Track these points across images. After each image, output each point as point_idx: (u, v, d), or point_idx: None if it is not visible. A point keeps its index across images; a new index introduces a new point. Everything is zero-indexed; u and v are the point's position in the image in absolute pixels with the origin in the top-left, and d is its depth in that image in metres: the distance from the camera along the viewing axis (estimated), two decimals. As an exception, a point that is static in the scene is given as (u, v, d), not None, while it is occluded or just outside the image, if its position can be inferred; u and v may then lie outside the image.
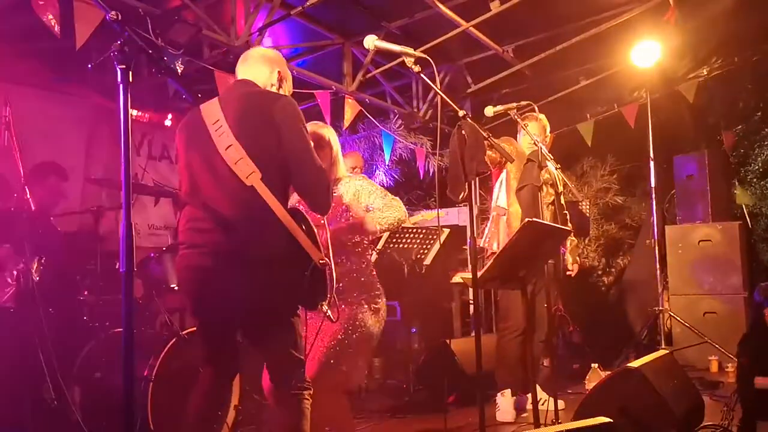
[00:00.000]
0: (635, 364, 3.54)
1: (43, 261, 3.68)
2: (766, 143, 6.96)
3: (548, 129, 4.81)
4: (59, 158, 4.82)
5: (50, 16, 3.95)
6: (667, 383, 3.55)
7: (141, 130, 5.99)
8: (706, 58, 6.95)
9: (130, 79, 1.79)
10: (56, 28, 4.01)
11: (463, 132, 2.76)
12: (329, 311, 2.72)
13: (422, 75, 2.86)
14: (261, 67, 2.83)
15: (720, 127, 7.28)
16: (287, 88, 2.89)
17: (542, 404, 4.43)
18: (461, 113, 2.78)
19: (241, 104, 2.67)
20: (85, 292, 4.10)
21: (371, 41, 2.88)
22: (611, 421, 2.28)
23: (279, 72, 2.85)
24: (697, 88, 6.85)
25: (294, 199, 3.03)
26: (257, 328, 2.68)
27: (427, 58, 2.80)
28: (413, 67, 2.80)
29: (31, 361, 3.49)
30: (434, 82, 2.86)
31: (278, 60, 2.89)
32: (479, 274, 2.97)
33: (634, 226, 7.77)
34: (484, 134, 2.79)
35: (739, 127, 7.14)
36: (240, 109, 2.65)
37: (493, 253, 4.48)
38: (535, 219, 3.06)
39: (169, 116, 5.93)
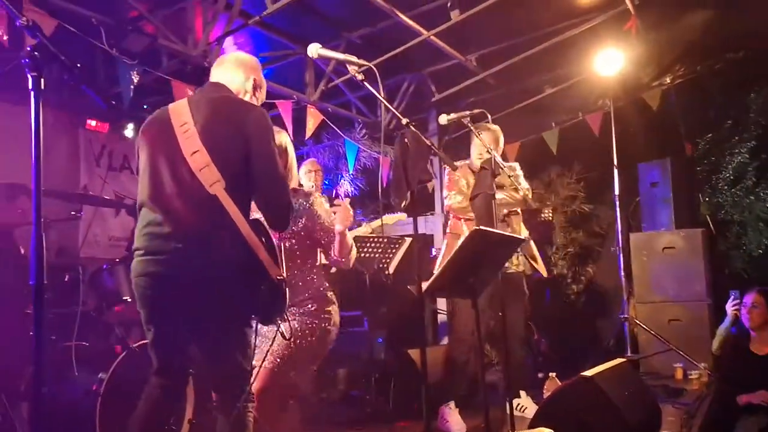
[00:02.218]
0: (589, 372, 3.53)
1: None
2: (735, 151, 7.00)
3: (501, 140, 4.63)
4: (11, 170, 4.72)
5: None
6: (622, 392, 3.54)
7: (100, 141, 5.90)
8: (670, 66, 6.99)
9: (42, 86, 1.75)
10: (5, 38, 4.01)
11: (406, 140, 2.74)
12: (282, 327, 2.67)
13: (365, 83, 2.82)
14: (236, 72, 2.77)
15: (683, 134, 7.33)
16: (261, 97, 2.85)
17: (522, 410, 4.57)
18: (404, 121, 2.76)
19: (212, 109, 2.60)
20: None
21: (314, 49, 2.84)
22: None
23: (254, 79, 2.80)
24: (661, 96, 6.91)
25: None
26: (208, 338, 2.61)
27: (371, 66, 2.77)
28: (357, 75, 2.77)
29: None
30: (379, 91, 2.83)
31: (255, 66, 2.84)
32: (427, 283, 2.96)
33: (601, 233, 7.76)
34: (428, 143, 2.78)
35: (709, 135, 7.17)
36: (210, 114, 2.58)
37: None
38: (482, 227, 3.04)
39: (129, 126, 5.85)
